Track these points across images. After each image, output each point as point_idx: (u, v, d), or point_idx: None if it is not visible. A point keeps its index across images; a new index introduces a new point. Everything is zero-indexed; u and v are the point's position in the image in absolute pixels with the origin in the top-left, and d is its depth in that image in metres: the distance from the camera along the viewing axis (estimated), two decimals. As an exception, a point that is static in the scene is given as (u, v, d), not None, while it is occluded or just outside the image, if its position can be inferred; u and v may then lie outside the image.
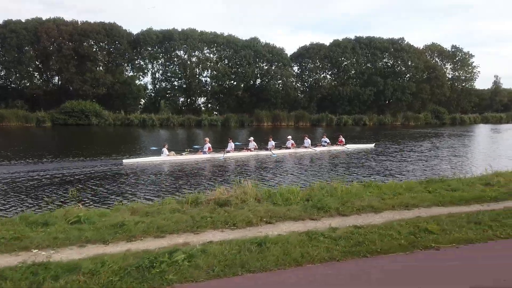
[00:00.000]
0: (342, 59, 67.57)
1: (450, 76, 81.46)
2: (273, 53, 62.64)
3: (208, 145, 19.12)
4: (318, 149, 22.63)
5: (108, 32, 54.23)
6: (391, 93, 67.71)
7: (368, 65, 70.16)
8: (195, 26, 68.23)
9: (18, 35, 50.43)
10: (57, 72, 53.53)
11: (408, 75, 72.10)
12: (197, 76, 60.28)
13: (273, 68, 62.29)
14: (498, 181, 9.35)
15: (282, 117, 55.75)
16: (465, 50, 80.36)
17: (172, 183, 12.94)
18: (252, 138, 21.22)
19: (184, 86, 59.66)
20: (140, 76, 60.36)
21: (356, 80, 68.73)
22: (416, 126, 59.76)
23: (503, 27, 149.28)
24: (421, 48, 77.55)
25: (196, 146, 20.80)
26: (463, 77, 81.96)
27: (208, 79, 61.25)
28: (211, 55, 61.49)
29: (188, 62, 59.29)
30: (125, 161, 16.60)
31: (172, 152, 18.18)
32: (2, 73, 52.95)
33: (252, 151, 20.49)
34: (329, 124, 57.91)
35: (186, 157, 18.25)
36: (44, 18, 53.91)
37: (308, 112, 60.81)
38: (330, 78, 70.22)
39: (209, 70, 60.12)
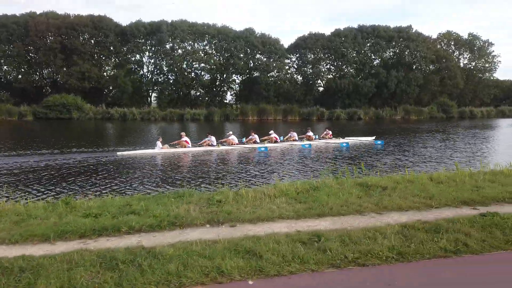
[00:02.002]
0: (343, 50, 64.19)
1: (467, 67, 76.00)
2: (267, 44, 60.24)
3: (186, 138, 19.66)
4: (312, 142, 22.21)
5: (96, 25, 54.07)
6: (395, 85, 63.66)
7: (372, 56, 66.45)
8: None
9: (8, 29, 51.54)
10: (45, 66, 54.15)
11: (415, 65, 67.54)
12: (188, 68, 59.18)
13: (265, 60, 60.02)
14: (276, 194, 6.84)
15: (269, 111, 53.35)
16: (483, 38, 74.57)
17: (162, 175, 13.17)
18: (231, 132, 21.63)
19: (176, 78, 58.74)
20: (136, 70, 60.27)
21: (356, 72, 65.17)
22: (418, 121, 55.68)
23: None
24: (434, 37, 72.78)
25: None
26: (482, 67, 76.16)
27: (199, 72, 60.03)
28: (202, 47, 60.14)
29: (178, 53, 58.18)
30: (119, 153, 17.30)
31: (166, 145, 18.97)
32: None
33: (234, 144, 20.59)
34: (320, 118, 55.06)
35: (179, 150, 18.95)
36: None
37: (304, 106, 58.32)
38: (328, 70, 67.00)
39: (200, 62, 58.84)
